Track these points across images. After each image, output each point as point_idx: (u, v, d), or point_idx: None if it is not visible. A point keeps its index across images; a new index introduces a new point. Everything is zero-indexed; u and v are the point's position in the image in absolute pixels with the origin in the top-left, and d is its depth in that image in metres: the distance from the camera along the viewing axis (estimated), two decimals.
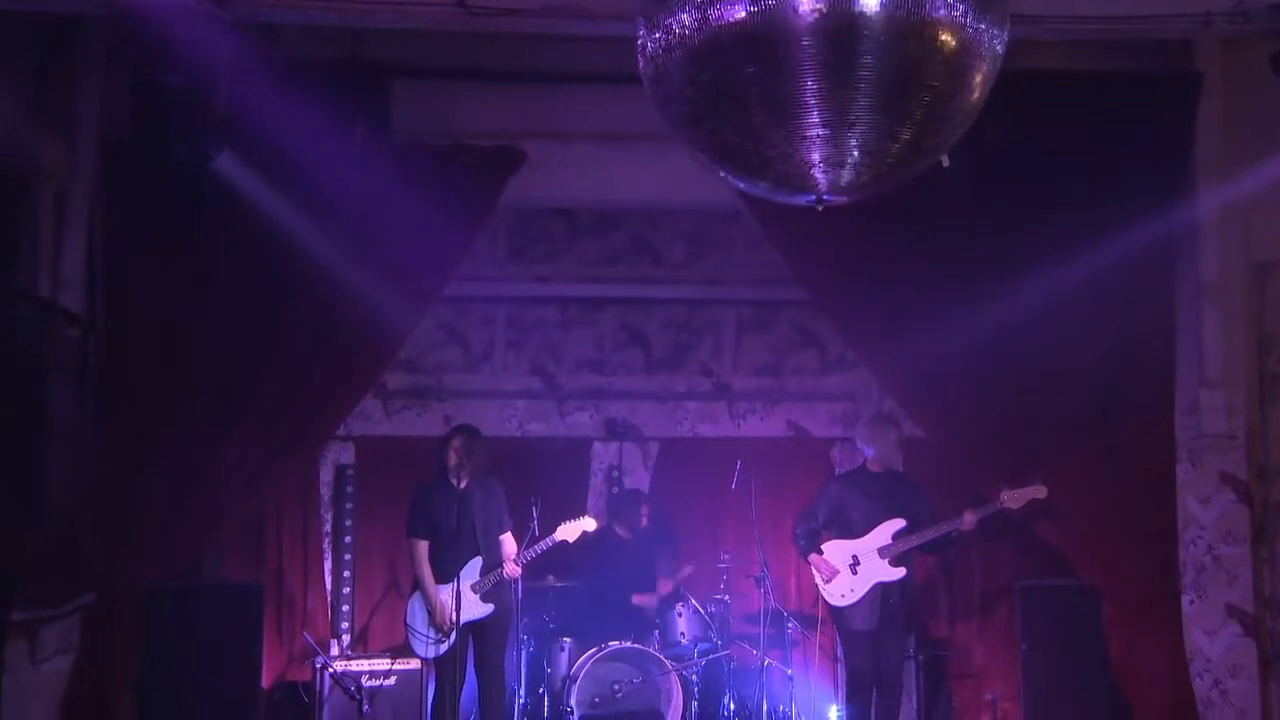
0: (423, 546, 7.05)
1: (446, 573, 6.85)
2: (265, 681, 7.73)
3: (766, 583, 7.72)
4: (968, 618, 8.65)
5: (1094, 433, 7.07)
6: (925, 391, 7.36)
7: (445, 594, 6.90)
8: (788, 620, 8.02)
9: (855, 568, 7.23)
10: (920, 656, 8.07)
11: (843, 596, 7.25)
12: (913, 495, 7.40)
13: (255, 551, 8.50)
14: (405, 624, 7.04)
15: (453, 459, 7.03)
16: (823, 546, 7.38)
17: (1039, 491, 6.95)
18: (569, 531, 7.23)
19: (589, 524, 7.24)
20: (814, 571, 7.37)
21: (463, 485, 7.04)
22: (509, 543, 7.21)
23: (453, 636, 6.84)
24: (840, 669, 7.55)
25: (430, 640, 6.94)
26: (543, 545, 7.13)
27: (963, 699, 8.41)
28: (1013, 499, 7.00)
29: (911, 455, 8.82)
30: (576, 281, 9.11)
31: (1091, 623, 7.06)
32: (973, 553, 8.53)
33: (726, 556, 8.31)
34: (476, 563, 7.00)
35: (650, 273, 9.13)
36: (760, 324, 9.48)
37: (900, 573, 7.21)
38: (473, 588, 6.91)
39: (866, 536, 7.27)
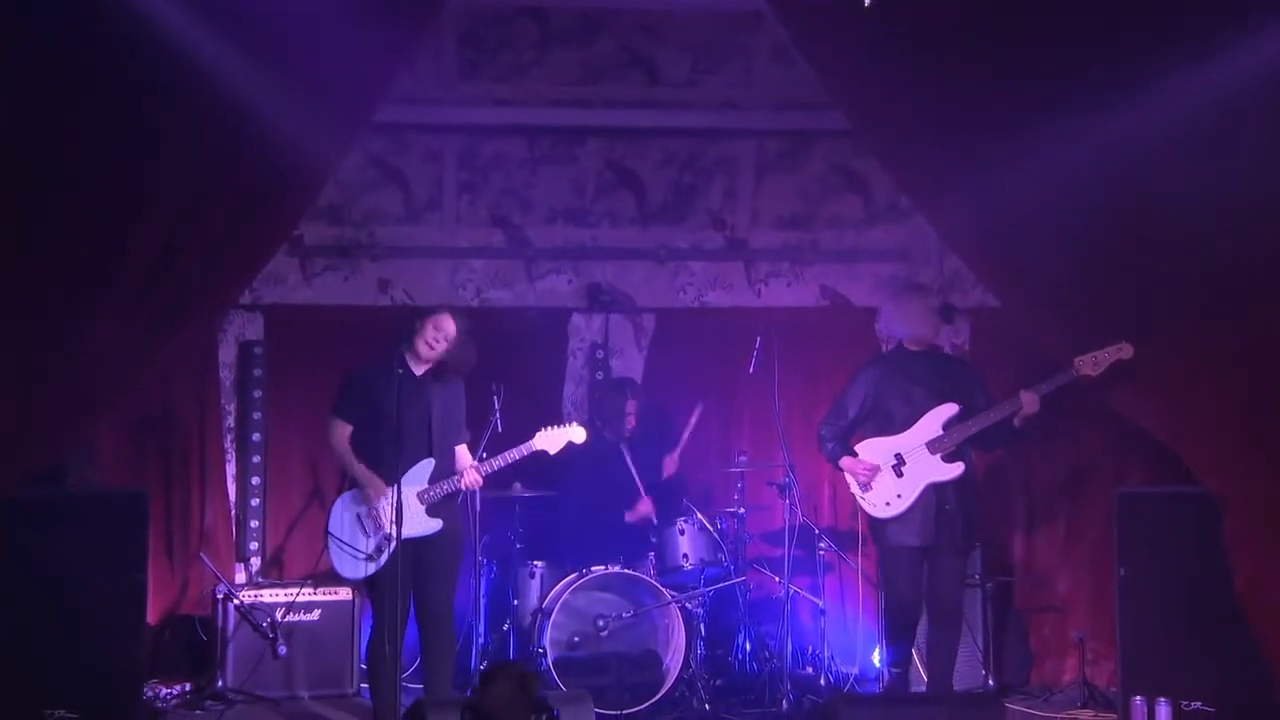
0: (345, 430, 6.94)
1: (387, 475, 6.75)
2: (152, 616, 7.82)
3: (793, 492, 7.82)
4: (1049, 535, 8.73)
5: (1221, 304, 6.97)
6: (999, 247, 7.32)
7: (383, 500, 6.80)
8: (819, 539, 8.13)
9: (900, 468, 7.25)
10: (987, 583, 8.13)
11: (888, 505, 7.25)
12: (963, 377, 7.44)
13: (136, 452, 8.57)
14: (326, 532, 6.93)
15: (424, 348, 6.87)
16: (857, 447, 7.40)
17: (1123, 351, 6.94)
18: (550, 441, 7.15)
19: (577, 434, 7.19)
20: (849, 479, 7.39)
21: (420, 373, 6.93)
22: (464, 456, 7.16)
23: (387, 551, 6.71)
24: (884, 600, 7.54)
25: (359, 555, 6.81)
26: (515, 454, 7.09)
27: (1042, 638, 8.53)
28: (1091, 363, 6.97)
29: (982, 330, 8.85)
30: (549, 105, 9.03)
31: (1210, 540, 6.96)
32: (1058, 452, 8.58)
33: (743, 458, 8.36)
34: (426, 466, 6.92)
35: (644, 94, 9.06)
36: (787, 161, 9.44)
37: (957, 469, 7.21)
38: (419, 496, 6.79)
39: (912, 429, 7.28)
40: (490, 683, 5.03)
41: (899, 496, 7.22)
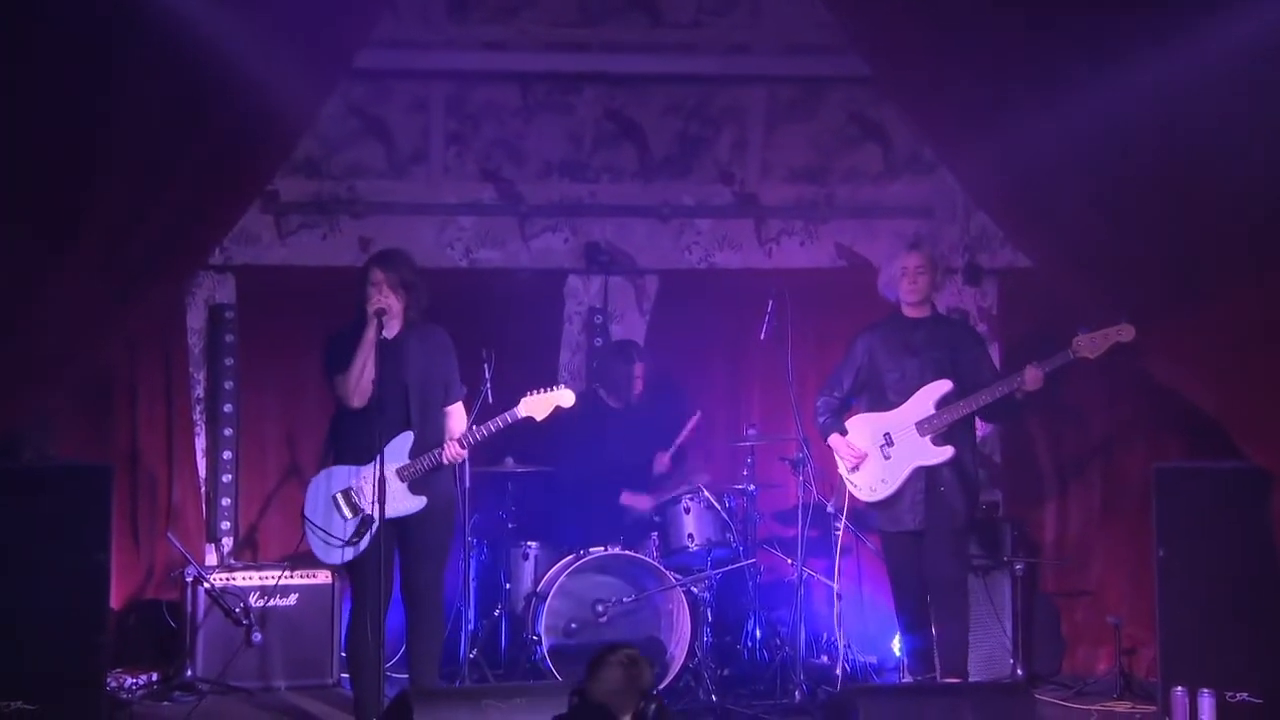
0: None
1: (364, 451, 6.74)
2: (115, 600, 7.82)
3: (807, 467, 7.78)
4: (1081, 512, 8.76)
5: (1272, 263, 6.91)
6: (1030, 202, 7.30)
7: (362, 479, 6.76)
8: (836, 519, 7.99)
9: (888, 449, 7.28)
10: (1016, 565, 8.16)
11: (872, 490, 7.33)
12: (966, 346, 7.43)
13: (99, 424, 8.58)
14: (303, 515, 6.90)
15: (375, 299, 6.81)
16: (847, 423, 7.43)
17: (1123, 333, 6.97)
18: (537, 406, 7.08)
19: (565, 397, 7.13)
20: (837, 459, 7.45)
21: (392, 335, 6.84)
22: (457, 417, 7.11)
23: (369, 533, 6.70)
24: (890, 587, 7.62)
25: (338, 541, 6.78)
26: (499, 423, 7.02)
27: (1074, 624, 8.57)
28: (1089, 345, 6.99)
29: (1010, 292, 8.84)
30: (543, 49, 9.01)
31: (1257, 518, 6.96)
32: (1090, 422, 8.61)
33: (752, 431, 8.39)
34: (405, 440, 6.88)
35: (647, 37, 9.06)
36: (801, 110, 9.42)
37: (945, 453, 7.22)
38: (399, 473, 6.75)
39: (902, 406, 7.29)
40: (598, 668, 5.06)
41: (884, 481, 7.26)
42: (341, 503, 6.84)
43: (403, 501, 6.81)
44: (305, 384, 8.69)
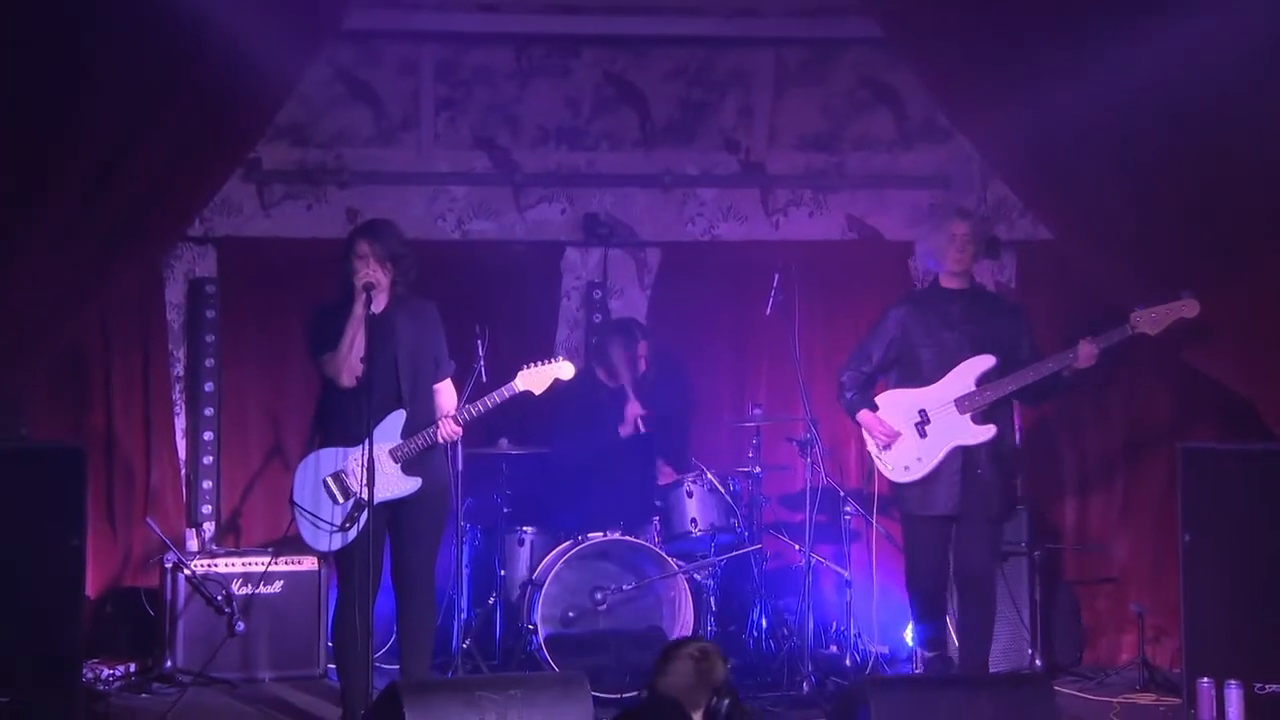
0: None
1: (354, 432, 6.71)
2: (91, 588, 7.83)
3: (815, 449, 7.80)
4: (1104, 496, 8.77)
5: None
6: (1052, 171, 7.34)
7: (352, 461, 6.75)
8: (845, 502, 8.09)
9: (924, 427, 7.21)
10: (1035, 552, 8.15)
11: (906, 469, 7.23)
12: (1007, 321, 7.35)
13: (72, 403, 8.56)
14: (291, 501, 6.85)
15: (361, 273, 6.77)
16: (878, 399, 7.37)
17: (1188, 308, 6.89)
18: (534, 380, 7.06)
19: (565, 370, 7.10)
20: (866, 436, 7.39)
21: (379, 310, 6.82)
22: (447, 394, 7.08)
23: (361, 519, 6.67)
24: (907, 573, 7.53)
25: (330, 527, 6.76)
26: (496, 398, 6.97)
27: (1096, 612, 8.61)
28: (1148, 320, 6.92)
29: (1030, 265, 8.87)
30: (540, 10, 9.00)
31: None
32: (1113, 401, 8.62)
33: (758, 411, 8.37)
34: (397, 418, 6.84)
35: None
36: (810, 73, 9.41)
37: (988, 432, 7.14)
38: (392, 454, 6.73)
39: (940, 382, 7.21)
40: (668, 661, 5.07)
41: (919, 460, 7.19)
42: (332, 486, 6.80)
43: (396, 483, 6.78)
44: (290, 362, 8.69)
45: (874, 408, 7.32)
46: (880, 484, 7.55)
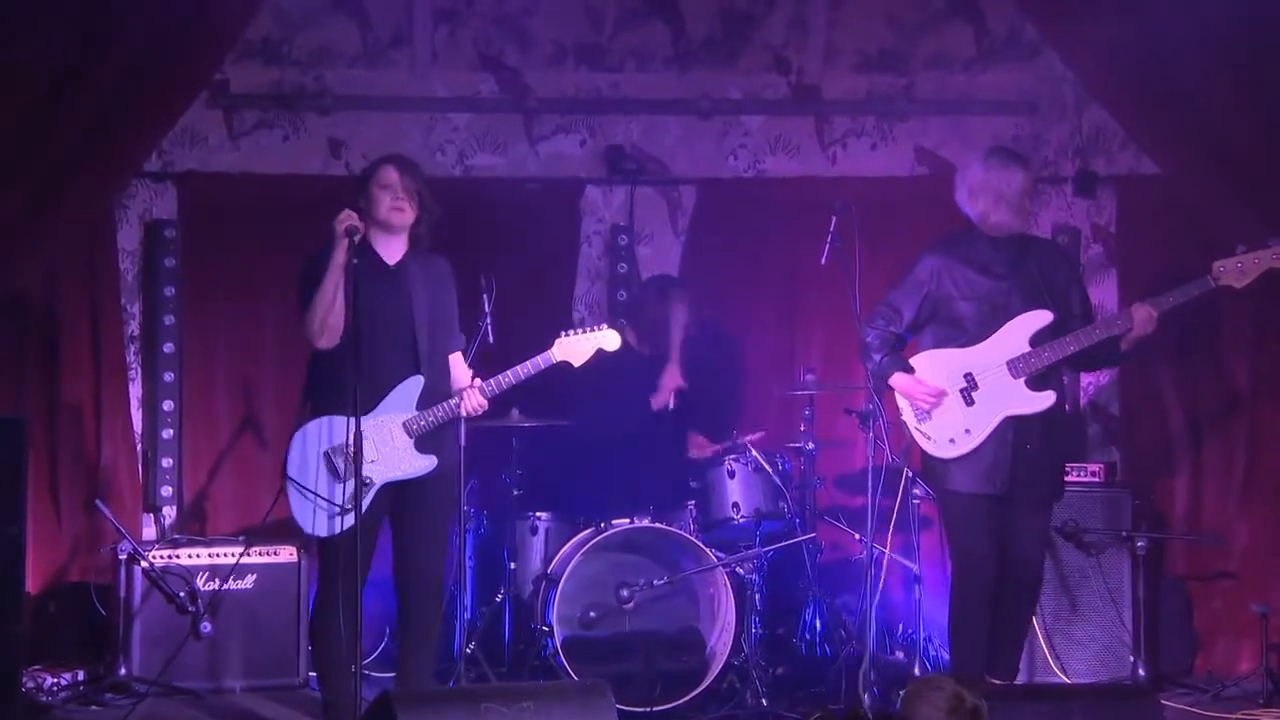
0: None
1: (360, 399, 6.69)
2: (32, 583, 7.90)
3: (878, 422, 7.71)
4: (1222, 479, 8.78)
5: None
6: (1158, 94, 7.45)
7: (362, 433, 6.70)
8: (913, 484, 8.06)
9: (970, 393, 7.20)
10: (1138, 543, 8.09)
11: (951, 441, 7.24)
12: (1058, 271, 7.37)
13: (10, 367, 8.59)
14: (286, 477, 6.85)
15: (384, 204, 6.77)
16: (913, 361, 7.38)
17: (1277, 257, 6.94)
18: (573, 349, 7.08)
19: (609, 339, 7.12)
20: (901, 403, 7.39)
21: (394, 261, 6.89)
22: (460, 370, 7.12)
23: (367, 498, 6.71)
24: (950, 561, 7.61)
25: (332, 507, 6.77)
26: (529, 368, 7.00)
27: (1212, 612, 8.62)
28: (1234, 271, 6.92)
29: (1132, 204, 8.91)
30: None
31: None
32: (1230, 365, 8.66)
33: (810, 378, 8.42)
34: (414, 385, 6.87)
35: None
36: None
37: (1046, 399, 7.15)
38: (406, 427, 6.73)
39: (987, 342, 7.22)
40: (914, 701, 4.99)
41: (967, 432, 7.18)
42: (335, 460, 6.81)
43: (408, 461, 6.81)
44: (264, 319, 8.75)
45: (909, 370, 7.31)
46: (916, 460, 7.58)
